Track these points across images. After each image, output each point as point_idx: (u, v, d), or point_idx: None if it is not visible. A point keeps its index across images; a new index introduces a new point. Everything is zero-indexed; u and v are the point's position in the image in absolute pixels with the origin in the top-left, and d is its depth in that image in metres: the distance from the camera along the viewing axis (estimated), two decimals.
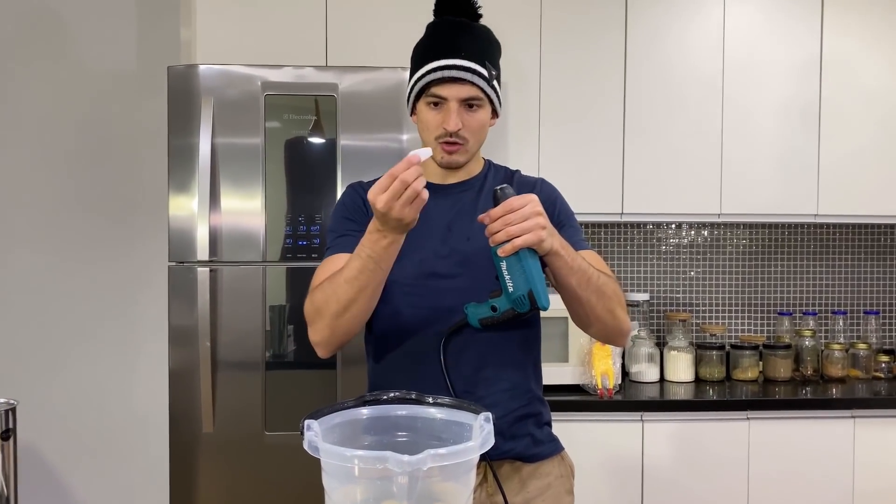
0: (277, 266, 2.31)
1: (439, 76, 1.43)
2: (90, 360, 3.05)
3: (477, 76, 1.43)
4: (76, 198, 3.03)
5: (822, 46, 2.75)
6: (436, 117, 1.45)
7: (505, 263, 1.28)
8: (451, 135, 1.44)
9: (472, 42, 1.46)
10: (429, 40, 1.50)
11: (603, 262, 1.49)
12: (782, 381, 2.81)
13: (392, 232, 1.28)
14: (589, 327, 1.45)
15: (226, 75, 2.30)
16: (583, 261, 1.37)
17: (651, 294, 3.07)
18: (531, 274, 1.27)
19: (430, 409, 1.12)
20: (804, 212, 2.77)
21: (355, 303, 1.35)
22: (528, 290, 1.28)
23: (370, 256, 1.31)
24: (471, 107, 1.45)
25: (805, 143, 2.76)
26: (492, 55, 1.49)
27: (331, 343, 1.42)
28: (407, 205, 1.22)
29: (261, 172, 2.30)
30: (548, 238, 1.27)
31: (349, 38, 2.59)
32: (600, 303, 1.39)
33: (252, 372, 2.29)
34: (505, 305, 1.31)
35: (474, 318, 1.36)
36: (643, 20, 2.71)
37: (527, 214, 1.25)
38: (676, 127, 2.73)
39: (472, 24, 1.49)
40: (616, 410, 2.49)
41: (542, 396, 1.56)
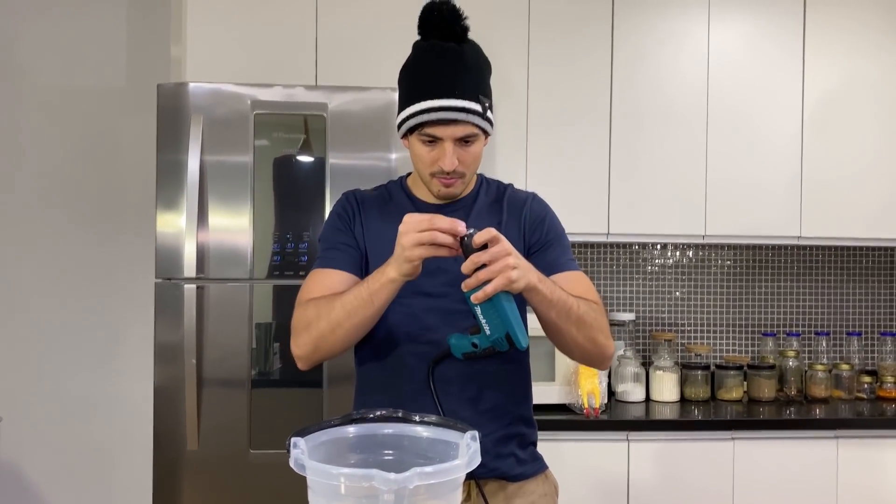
0: (264, 283, 2.31)
1: (434, 118, 1.40)
2: (75, 375, 3.02)
3: (472, 114, 1.41)
4: (64, 213, 3.02)
5: (805, 71, 2.80)
6: (430, 153, 1.44)
7: (479, 309, 1.27)
8: (447, 172, 1.44)
9: (465, 77, 1.42)
10: (419, 73, 1.45)
11: (590, 284, 1.49)
12: (766, 401, 2.83)
13: (396, 267, 1.28)
14: (571, 354, 1.46)
15: (215, 93, 2.31)
16: (562, 292, 1.35)
17: (637, 314, 3.09)
18: (506, 317, 1.26)
19: (416, 428, 1.12)
20: (788, 234, 2.80)
21: (342, 327, 1.36)
22: (506, 332, 1.27)
23: (369, 287, 1.33)
24: (466, 142, 1.43)
25: (789, 165, 2.80)
26: (485, 86, 1.46)
27: (311, 359, 1.43)
28: (417, 244, 1.24)
29: (249, 190, 2.30)
30: (520, 277, 1.25)
31: (339, 58, 2.61)
32: (581, 332, 1.39)
33: (238, 389, 2.28)
34: (485, 343, 1.31)
35: (458, 350, 1.35)
36: (629, 42, 2.75)
37: (494, 255, 1.23)
38: (662, 149, 2.76)
39: (463, 51, 1.44)
40: (602, 430, 2.49)
41: (531, 416, 1.56)
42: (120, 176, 3.04)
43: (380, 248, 1.46)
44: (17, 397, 2.99)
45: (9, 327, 3.00)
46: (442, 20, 1.44)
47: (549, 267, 1.46)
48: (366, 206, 1.54)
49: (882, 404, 2.84)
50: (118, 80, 3.05)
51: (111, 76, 3.05)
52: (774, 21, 2.79)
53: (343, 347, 1.41)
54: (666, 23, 2.77)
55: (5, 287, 3.01)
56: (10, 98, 3.01)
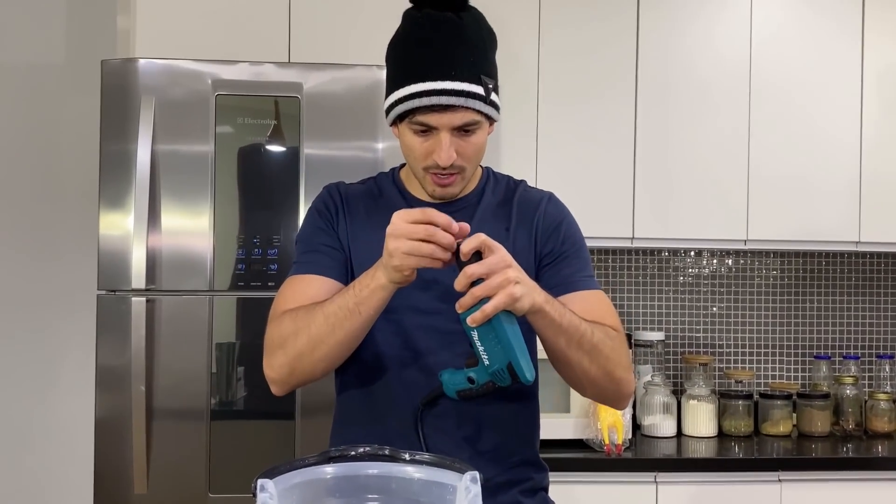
0: (227, 296, 2.30)
1: (427, 104, 1.37)
2: (0, 407, 3.01)
3: (472, 98, 1.37)
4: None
5: (864, 49, 2.81)
6: (423, 145, 1.41)
7: (476, 333, 1.24)
8: (443, 168, 1.41)
9: (464, 53, 1.38)
10: (410, 50, 1.42)
11: (610, 307, 1.48)
12: (819, 436, 2.82)
13: (385, 273, 1.27)
14: (583, 390, 1.45)
15: (170, 71, 2.30)
16: (573, 316, 1.33)
17: (667, 333, 3.09)
18: (508, 343, 1.24)
19: (406, 468, 1.11)
20: (844, 239, 2.81)
21: (325, 344, 1.34)
22: (508, 362, 1.25)
23: (355, 294, 1.32)
24: (466, 131, 1.40)
25: (846, 159, 2.80)
26: (488, 64, 1.43)
27: (288, 382, 1.42)
28: (408, 254, 1.23)
29: (209, 185, 2.29)
30: (524, 295, 1.23)
31: (316, 30, 2.61)
32: (595, 364, 1.37)
33: (194, 422, 2.27)
34: (483, 378, 1.29)
35: (451, 388, 1.33)
36: (657, 15, 2.76)
37: (492, 267, 1.21)
38: (696, 139, 2.77)
39: (463, 22, 1.40)
40: (626, 470, 2.49)
41: (538, 458, 1.56)
42: (56, 168, 3.03)
43: (366, 252, 1.44)
44: None
45: None
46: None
47: (562, 284, 1.45)
48: (351, 201, 1.53)
49: None
50: (55, 56, 3.05)
51: (47, 51, 3.04)
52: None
53: (325, 368, 1.40)
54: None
55: None
56: None
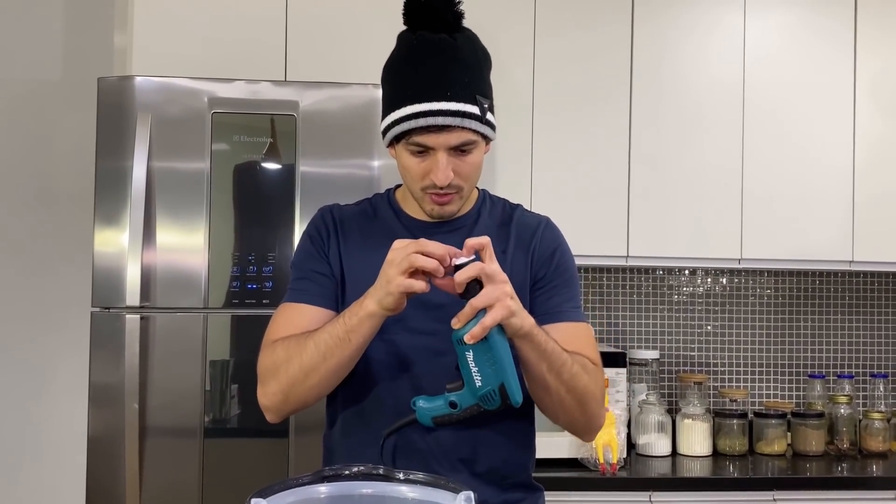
0: (221, 314, 2.29)
1: (423, 124, 1.38)
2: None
3: (468, 118, 1.39)
4: None
5: (857, 68, 2.83)
6: (420, 165, 1.42)
7: (472, 353, 1.23)
8: (440, 188, 1.42)
9: (459, 74, 1.39)
10: (405, 71, 1.43)
11: (592, 340, 1.49)
12: (814, 455, 2.82)
13: (377, 299, 1.28)
14: (555, 418, 1.46)
15: (166, 89, 2.30)
16: (556, 344, 1.34)
17: (661, 352, 3.08)
18: (503, 364, 1.23)
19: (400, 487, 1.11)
20: (838, 258, 2.81)
21: (317, 372, 1.35)
22: (500, 383, 1.24)
23: (345, 322, 1.32)
24: (462, 151, 1.41)
25: (839, 178, 2.81)
26: (483, 84, 1.44)
27: (282, 410, 1.43)
28: (401, 273, 1.24)
29: (205, 203, 2.29)
30: (518, 312, 1.24)
31: (313, 49, 2.62)
32: (570, 395, 1.38)
33: (188, 440, 2.26)
34: (469, 401, 1.28)
35: (426, 416, 1.32)
36: (651, 34, 2.77)
37: (494, 274, 1.22)
38: (691, 157, 2.78)
39: (457, 43, 1.42)
40: (621, 489, 2.48)
41: (532, 480, 1.55)
42: (52, 185, 3.03)
43: (360, 273, 1.46)
44: None
45: None
46: (430, 6, 1.42)
47: (550, 312, 1.46)
48: (345, 224, 1.53)
49: None
50: (52, 73, 3.05)
51: (44, 68, 3.04)
52: (822, 9, 2.82)
53: (318, 395, 1.41)
54: (694, 13, 2.80)
55: None
56: None
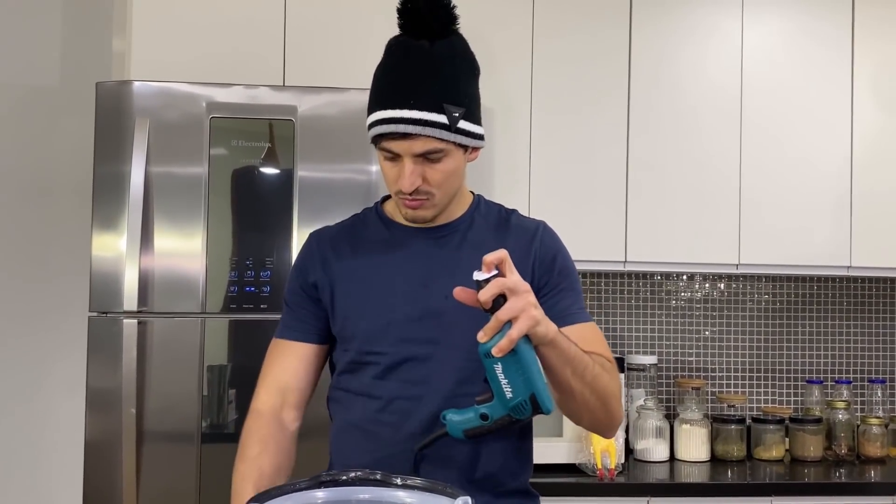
0: (219, 318, 2.29)
1: (385, 131, 1.39)
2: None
3: (431, 127, 1.37)
4: None
5: (854, 74, 2.83)
6: (392, 170, 1.43)
7: (501, 365, 1.22)
8: (407, 193, 1.42)
9: (428, 83, 1.39)
10: (383, 76, 1.45)
11: (603, 339, 1.49)
12: (812, 461, 2.82)
13: None
14: (579, 420, 1.45)
15: (164, 94, 2.30)
16: (577, 348, 1.34)
17: (659, 357, 3.08)
18: (531, 373, 1.22)
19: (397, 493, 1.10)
20: (836, 263, 2.81)
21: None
22: (531, 393, 1.23)
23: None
24: (430, 159, 1.41)
25: (837, 183, 2.82)
26: (456, 92, 1.41)
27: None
28: None
29: (203, 207, 2.29)
30: (543, 319, 1.23)
31: (311, 54, 2.62)
32: (594, 396, 1.38)
33: (185, 445, 2.25)
34: (499, 412, 1.26)
35: (457, 429, 1.29)
36: (649, 39, 2.77)
37: (516, 286, 1.20)
38: (688, 162, 2.78)
39: (433, 51, 1.41)
40: (619, 495, 2.47)
41: (529, 487, 1.55)
42: (49, 189, 3.02)
43: (349, 284, 1.48)
44: None
45: None
46: (415, 12, 1.42)
47: (559, 317, 1.44)
48: (334, 243, 1.54)
49: None
50: (50, 78, 3.05)
51: (42, 73, 3.04)
52: (819, 14, 2.82)
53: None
54: (692, 18, 2.80)
55: None
56: None
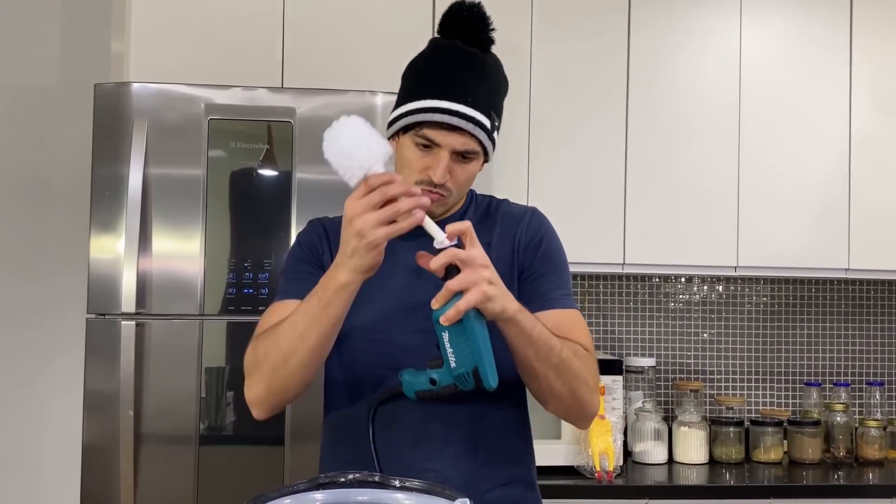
0: (217, 320, 2.29)
1: (439, 120, 1.41)
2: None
3: (479, 128, 1.43)
4: None
5: (853, 77, 2.83)
6: (422, 160, 1.44)
7: (448, 334, 1.25)
8: (434, 185, 1.43)
9: (482, 86, 1.45)
10: (431, 69, 1.48)
11: (584, 327, 1.48)
12: (810, 463, 2.82)
13: (349, 267, 1.27)
14: (546, 404, 1.45)
15: (163, 95, 2.30)
16: (544, 329, 1.34)
17: (658, 359, 3.08)
18: (477, 347, 1.24)
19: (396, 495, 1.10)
20: (834, 266, 2.82)
21: (295, 354, 1.34)
22: (474, 366, 1.25)
23: (319, 298, 1.31)
24: (464, 158, 1.44)
25: (835, 187, 2.82)
26: (498, 103, 1.50)
27: (266, 402, 1.40)
28: (381, 224, 1.22)
29: (201, 209, 2.29)
30: (496, 297, 1.24)
31: (310, 55, 2.62)
32: (560, 380, 1.38)
33: (183, 447, 2.25)
34: (446, 380, 1.29)
35: (410, 389, 1.33)
36: (648, 42, 2.78)
37: (470, 259, 1.22)
38: (686, 165, 2.78)
39: (486, 59, 1.48)
40: (617, 497, 2.48)
41: (531, 476, 1.55)
42: (47, 191, 3.02)
43: None
44: None
45: None
46: (468, 24, 1.48)
47: (539, 300, 1.46)
48: (334, 229, 1.54)
49: None
50: (48, 79, 3.05)
51: (40, 74, 3.04)
52: (817, 16, 2.83)
53: (301, 381, 1.38)
54: (691, 21, 2.81)
55: None
56: None
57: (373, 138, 1.24)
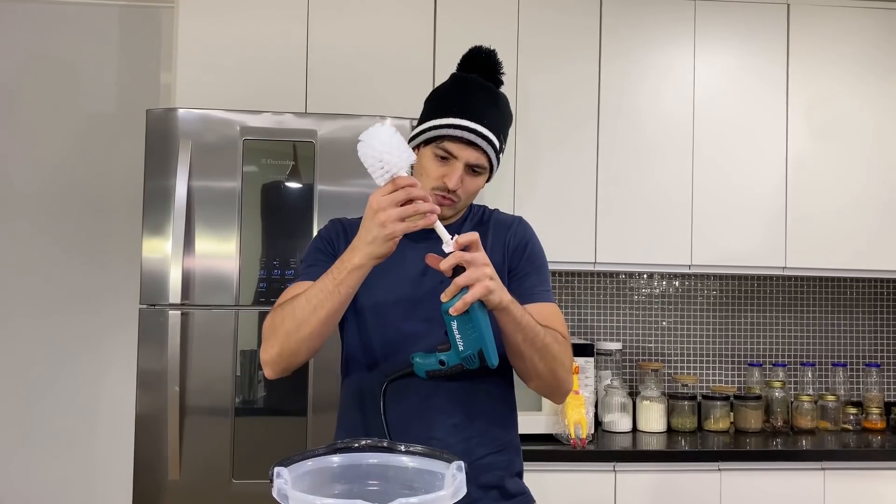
0: (250, 310, 2.29)
1: (458, 135, 1.44)
2: (55, 400, 2.97)
3: (491, 147, 1.46)
4: (51, 236, 3.00)
5: (789, 104, 2.84)
6: (439, 169, 1.46)
7: (456, 322, 1.26)
8: (448, 191, 1.45)
9: (496, 114, 1.49)
10: (456, 94, 1.50)
11: (561, 318, 1.49)
12: (753, 432, 2.82)
13: (365, 252, 1.27)
14: (529, 381, 1.46)
15: (205, 119, 2.31)
16: (530, 318, 1.35)
17: (623, 343, 3.09)
18: (482, 333, 1.26)
19: (402, 458, 1.10)
20: (773, 265, 2.82)
21: (308, 323, 1.33)
22: (479, 348, 1.27)
23: (333, 276, 1.31)
24: (474, 171, 1.47)
25: (774, 197, 2.82)
26: (506, 130, 1.53)
27: (278, 363, 1.39)
28: (399, 219, 1.23)
29: (237, 216, 2.29)
30: (496, 290, 1.26)
31: (329, 85, 2.62)
32: (543, 362, 1.39)
33: (221, 418, 2.25)
34: (454, 361, 1.30)
35: (421, 369, 1.35)
36: (616, 75, 2.78)
37: (475, 259, 1.24)
38: (648, 179, 2.78)
39: (499, 93, 1.52)
40: (589, 461, 2.48)
41: (517, 442, 1.55)
42: (107, 200, 3.02)
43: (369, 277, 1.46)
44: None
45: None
46: (485, 65, 1.52)
47: (523, 295, 1.47)
48: (353, 229, 1.54)
49: (868, 435, 2.84)
50: (108, 106, 3.05)
51: (101, 101, 3.04)
52: (758, 53, 2.84)
53: (310, 347, 1.38)
54: (653, 56, 2.81)
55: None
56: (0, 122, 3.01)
57: (402, 146, 1.25)
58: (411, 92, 2.62)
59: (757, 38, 2.84)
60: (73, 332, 3.00)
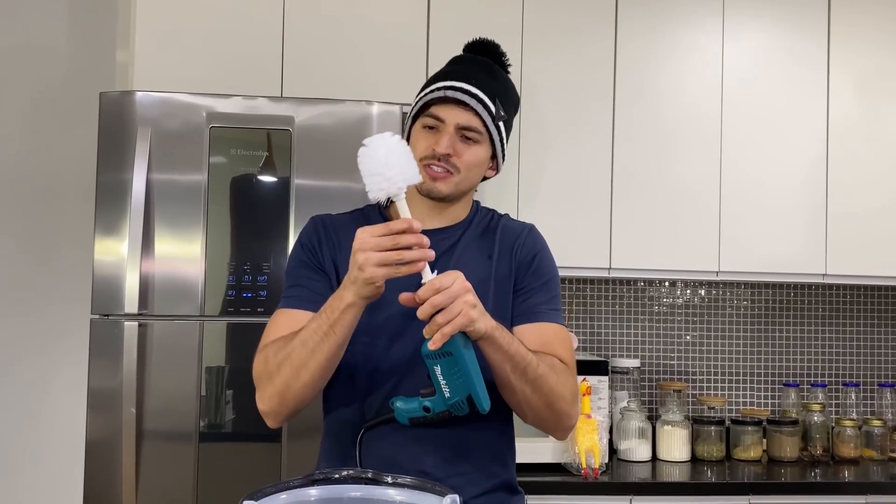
0: (217, 321, 2.28)
1: (440, 95, 1.46)
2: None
3: (481, 105, 1.46)
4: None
5: (829, 90, 2.84)
6: (427, 138, 1.48)
7: (440, 367, 1.25)
8: (439, 158, 1.45)
9: (487, 77, 1.50)
10: (446, 66, 1.56)
11: (566, 340, 1.49)
12: (788, 461, 2.82)
13: (352, 291, 1.28)
14: (524, 417, 1.46)
15: (166, 104, 2.30)
16: (521, 346, 1.35)
17: (642, 360, 3.08)
18: (469, 376, 1.25)
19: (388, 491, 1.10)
20: (812, 271, 2.82)
21: (307, 369, 1.34)
22: (468, 394, 1.26)
23: (327, 316, 1.32)
24: (468, 138, 1.47)
25: (813, 195, 2.83)
26: (505, 99, 1.52)
27: (280, 413, 1.41)
28: (379, 265, 1.23)
29: (202, 213, 2.28)
30: (479, 319, 1.26)
31: (308, 66, 2.61)
32: (536, 394, 1.38)
33: (183, 444, 2.24)
34: (440, 407, 1.30)
35: (403, 416, 1.35)
36: (633, 56, 2.78)
37: (452, 295, 1.23)
38: (670, 174, 2.78)
39: (497, 68, 1.55)
40: (602, 494, 2.47)
41: (514, 481, 1.55)
42: (54, 195, 3.01)
43: None
44: None
45: None
46: (486, 49, 1.58)
47: (526, 313, 1.47)
48: (338, 230, 1.54)
49: None
50: (55, 87, 3.04)
51: (48, 82, 3.03)
52: (796, 32, 2.84)
53: (312, 392, 1.40)
54: (675, 35, 2.81)
55: None
56: None
57: (410, 163, 1.26)
58: (402, 73, 2.63)
59: (794, 13, 2.84)
60: (14, 348, 2.98)
